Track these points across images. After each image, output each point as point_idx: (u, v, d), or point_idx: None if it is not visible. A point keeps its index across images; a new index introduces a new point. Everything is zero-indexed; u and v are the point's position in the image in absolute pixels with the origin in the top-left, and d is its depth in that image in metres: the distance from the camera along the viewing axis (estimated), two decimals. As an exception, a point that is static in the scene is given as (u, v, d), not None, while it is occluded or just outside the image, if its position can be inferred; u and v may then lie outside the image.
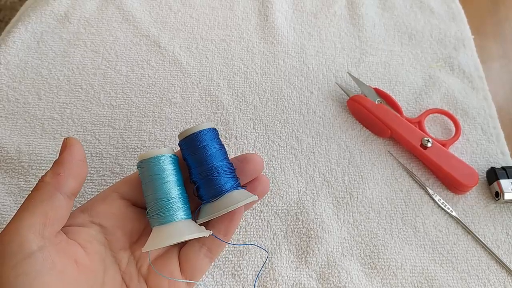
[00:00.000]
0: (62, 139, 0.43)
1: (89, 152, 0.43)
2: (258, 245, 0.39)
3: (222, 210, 0.28)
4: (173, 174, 0.29)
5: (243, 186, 0.31)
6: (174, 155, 0.30)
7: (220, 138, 0.32)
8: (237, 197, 0.28)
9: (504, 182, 0.42)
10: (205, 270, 0.32)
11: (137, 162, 0.30)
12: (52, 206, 0.26)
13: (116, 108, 0.46)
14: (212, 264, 0.37)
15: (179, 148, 0.32)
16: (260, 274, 0.37)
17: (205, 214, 0.29)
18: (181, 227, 0.27)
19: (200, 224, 0.29)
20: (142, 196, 0.30)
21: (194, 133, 0.30)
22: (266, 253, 0.38)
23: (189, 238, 0.28)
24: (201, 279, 0.36)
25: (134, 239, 0.31)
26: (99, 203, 0.30)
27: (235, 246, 0.38)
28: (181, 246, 0.32)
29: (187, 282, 0.31)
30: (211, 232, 0.29)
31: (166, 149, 0.29)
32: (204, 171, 0.29)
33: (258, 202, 0.41)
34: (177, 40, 0.52)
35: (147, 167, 0.29)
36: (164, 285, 0.30)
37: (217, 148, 0.30)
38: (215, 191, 0.29)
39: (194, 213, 0.31)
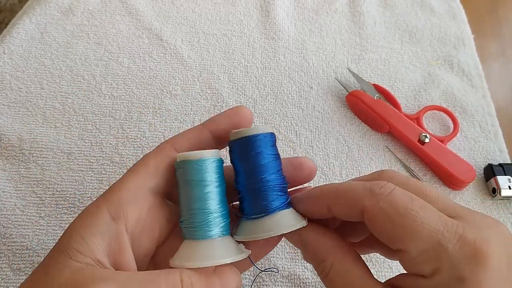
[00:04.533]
0: (63, 128, 0.44)
1: (89, 142, 0.43)
2: (268, 270, 0.37)
3: (270, 233, 0.24)
4: (217, 182, 0.25)
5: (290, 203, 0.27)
6: (220, 158, 0.26)
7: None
8: (287, 221, 0.25)
9: (501, 179, 0.42)
10: None
11: (176, 161, 0.25)
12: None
13: (117, 99, 0.46)
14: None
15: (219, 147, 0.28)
16: (252, 268, 0.38)
17: (248, 233, 0.25)
18: (218, 247, 0.24)
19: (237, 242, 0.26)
20: (173, 185, 0.26)
21: (249, 136, 0.26)
22: (277, 270, 0.37)
23: (227, 263, 0.24)
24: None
25: (160, 243, 0.26)
26: (130, 205, 0.24)
27: None
28: None
29: None
30: (250, 252, 0.25)
31: (212, 152, 0.25)
32: (252, 183, 0.25)
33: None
34: (179, 33, 0.52)
35: (188, 170, 0.24)
36: None
37: (272, 158, 0.26)
38: (262, 208, 0.25)
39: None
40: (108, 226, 0.22)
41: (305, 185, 0.30)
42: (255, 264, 0.27)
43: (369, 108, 0.46)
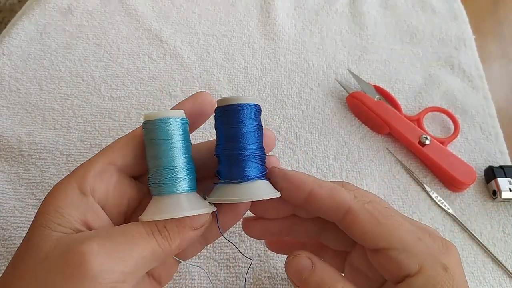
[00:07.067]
0: (62, 130, 0.44)
1: (88, 143, 0.43)
2: (243, 253, 0.38)
3: (244, 198, 0.25)
4: (181, 140, 0.25)
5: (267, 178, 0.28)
6: (185, 119, 0.26)
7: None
8: (261, 189, 0.26)
9: (501, 181, 0.42)
10: (194, 254, 0.30)
11: (142, 123, 0.26)
12: None
13: (116, 100, 0.46)
14: (207, 255, 0.38)
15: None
16: (250, 270, 0.38)
17: (222, 196, 0.26)
18: (183, 201, 0.25)
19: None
20: (140, 165, 0.27)
21: (235, 104, 0.26)
22: (251, 260, 0.38)
23: (190, 215, 0.25)
24: (195, 270, 0.37)
25: (130, 214, 0.28)
26: (96, 180, 0.25)
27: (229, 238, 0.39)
28: None
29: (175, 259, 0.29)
30: (215, 208, 0.26)
31: (177, 111, 0.26)
32: (233, 149, 0.26)
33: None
34: (179, 34, 0.52)
35: (153, 129, 0.25)
36: None
37: (255, 128, 0.27)
38: (239, 175, 0.26)
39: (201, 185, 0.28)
40: (79, 199, 0.24)
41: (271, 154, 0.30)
42: (220, 229, 0.28)
43: (369, 110, 0.45)
